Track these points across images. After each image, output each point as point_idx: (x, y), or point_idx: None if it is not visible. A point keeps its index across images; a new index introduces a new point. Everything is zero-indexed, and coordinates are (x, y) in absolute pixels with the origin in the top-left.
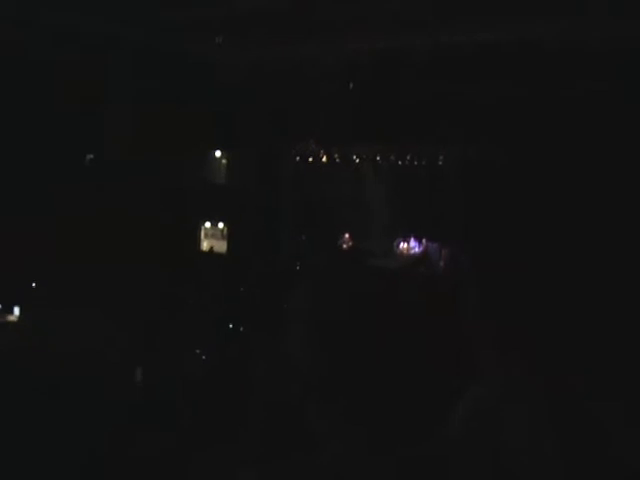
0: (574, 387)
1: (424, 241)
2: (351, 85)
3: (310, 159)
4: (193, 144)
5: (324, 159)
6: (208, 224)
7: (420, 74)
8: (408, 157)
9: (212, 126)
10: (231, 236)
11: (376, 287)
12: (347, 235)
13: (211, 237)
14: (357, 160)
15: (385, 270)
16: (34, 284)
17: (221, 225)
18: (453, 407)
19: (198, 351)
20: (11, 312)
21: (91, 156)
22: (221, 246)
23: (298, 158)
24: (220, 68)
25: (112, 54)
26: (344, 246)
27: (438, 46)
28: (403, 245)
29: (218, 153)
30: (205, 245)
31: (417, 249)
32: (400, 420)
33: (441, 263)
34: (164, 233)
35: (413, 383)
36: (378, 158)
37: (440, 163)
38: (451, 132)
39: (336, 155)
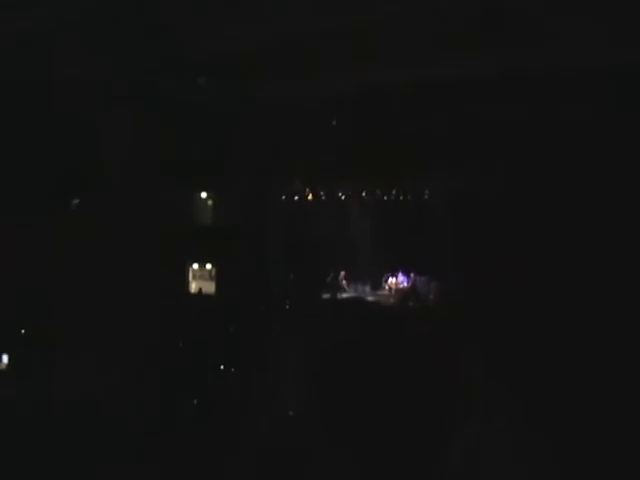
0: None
1: (412, 275)
2: (334, 123)
3: (296, 198)
4: (179, 185)
5: (310, 197)
6: (196, 265)
7: (404, 110)
8: (394, 192)
9: (198, 167)
10: (219, 277)
11: (367, 326)
12: (343, 273)
13: (199, 278)
14: (343, 197)
15: (376, 306)
16: (23, 331)
17: (209, 266)
18: (450, 444)
19: (189, 394)
20: None
21: (77, 201)
22: (209, 287)
23: (284, 197)
24: (205, 109)
25: (101, 98)
26: (343, 283)
27: (421, 83)
28: (392, 280)
29: (204, 194)
30: (193, 287)
31: (405, 283)
32: (398, 460)
33: (430, 296)
34: (152, 275)
35: (409, 422)
36: (364, 194)
37: (426, 197)
38: (436, 166)
39: (322, 193)
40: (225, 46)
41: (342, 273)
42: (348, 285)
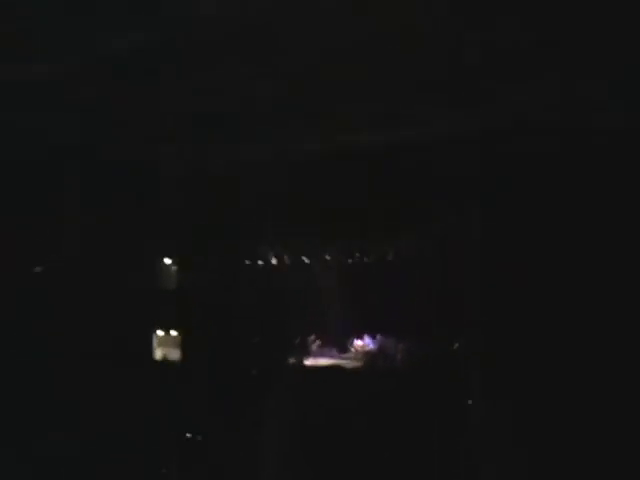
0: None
1: (378, 337)
2: (295, 187)
3: (260, 262)
4: (141, 252)
5: (274, 262)
6: (161, 332)
7: (366, 172)
8: (357, 254)
9: (161, 233)
10: (185, 344)
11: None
12: (313, 336)
13: (164, 345)
14: (307, 261)
15: (343, 370)
16: None
17: (174, 333)
18: None
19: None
20: None
21: (39, 269)
22: (174, 354)
23: (248, 262)
24: (163, 174)
25: (57, 162)
26: (314, 347)
27: (383, 144)
28: (357, 342)
29: (168, 260)
30: (158, 354)
31: (372, 345)
32: None
33: (398, 356)
34: (115, 343)
35: None
36: (328, 257)
37: (389, 258)
38: (399, 227)
39: (286, 257)
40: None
41: (312, 337)
42: (321, 348)
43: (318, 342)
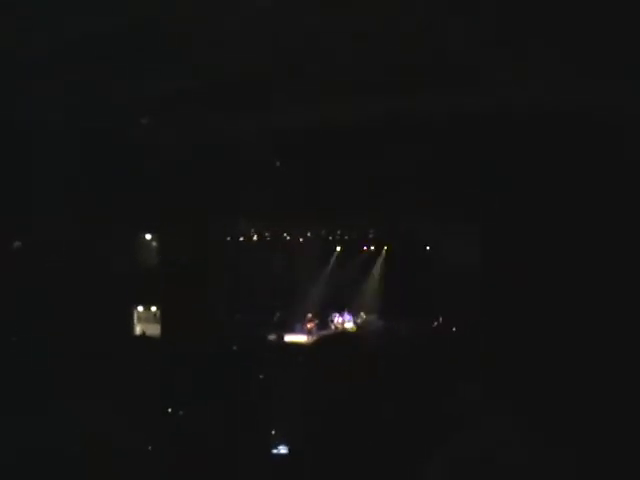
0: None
1: (362, 314)
2: (279, 163)
3: (241, 238)
4: (123, 227)
5: (255, 238)
6: (141, 308)
7: (349, 150)
8: (338, 232)
9: (142, 207)
10: (165, 319)
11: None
12: (310, 315)
13: (144, 321)
14: (288, 237)
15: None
16: None
17: (154, 308)
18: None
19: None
20: None
21: (19, 243)
22: (154, 330)
23: (229, 238)
24: (147, 148)
25: (38, 134)
26: (308, 326)
27: (366, 122)
28: (338, 319)
29: (148, 235)
30: (138, 329)
31: (352, 323)
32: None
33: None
34: (95, 318)
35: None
36: (309, 234)
37: (370, 236)
38: (381, 207)
39: (267, 233)
40: (168, 84)
41: (309, 315)
42: (310, 328)
43: (312, 320)
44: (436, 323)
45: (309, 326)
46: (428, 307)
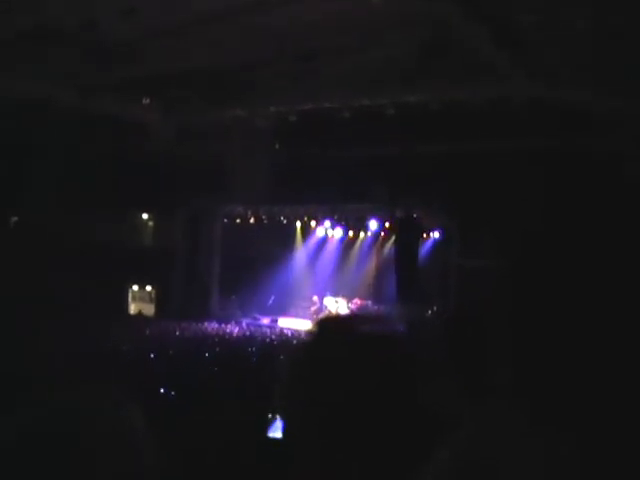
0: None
1: (357, 300)
2: (277, 146)
3: (238, 220)
4: (119, 207)
5: (252, 220)
6: (136, 287)
7: (347, 135)
8: (335, 216)
9: (139, 188)
10: (159, 299)
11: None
12: (315, 297)
13: (139, 300)
14: (285, 221)
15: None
16: None
17: (149, 288)
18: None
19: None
20: None
21: (15, 219)
22: (149, 309)
23: (226, 220)
24: (146, 130)
25: (37, 116)
26: (312, 308)
27: (361, 108)
28: (332, 303)
29: (145, 215)
30: (133, 308)
31: (345, 307)
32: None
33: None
34: (95, 297)
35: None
36: (305, 218)
37: (367, 222)
38: (378, 192)
39: (264, 216)
40: (169, 69)
41: (314, 298)
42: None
43: (316, 303)
44: (430, 311)
45: (313, 309)
46: (421, 294)
